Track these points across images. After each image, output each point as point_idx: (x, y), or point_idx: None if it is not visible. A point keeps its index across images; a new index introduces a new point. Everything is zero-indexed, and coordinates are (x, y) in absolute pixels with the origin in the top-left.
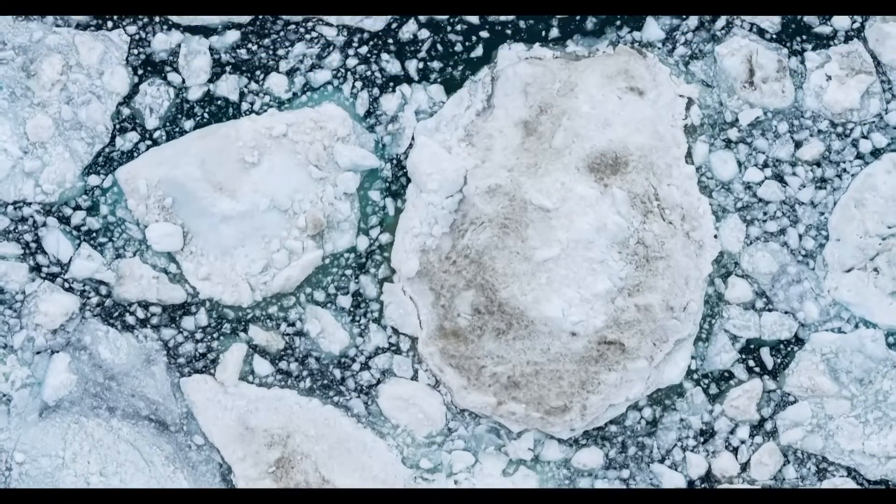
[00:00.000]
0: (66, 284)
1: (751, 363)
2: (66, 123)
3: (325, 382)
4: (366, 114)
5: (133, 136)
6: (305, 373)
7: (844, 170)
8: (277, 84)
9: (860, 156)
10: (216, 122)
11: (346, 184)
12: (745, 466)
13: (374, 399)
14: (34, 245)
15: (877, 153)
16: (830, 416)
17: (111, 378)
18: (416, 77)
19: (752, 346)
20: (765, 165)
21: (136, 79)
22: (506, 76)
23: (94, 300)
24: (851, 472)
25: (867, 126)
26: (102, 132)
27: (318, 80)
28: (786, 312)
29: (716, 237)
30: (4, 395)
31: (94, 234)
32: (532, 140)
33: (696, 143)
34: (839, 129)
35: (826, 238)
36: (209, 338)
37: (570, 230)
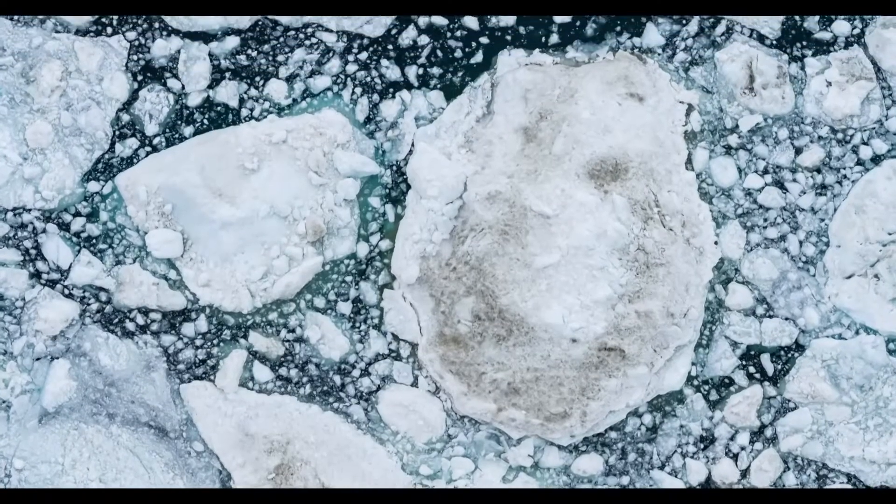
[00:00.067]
0: (66, 291)
1: (751, 369)
2: (66, 130)
3: (325, 389)
4: (366, 120)
5: (133, 143)
6: (305, 379)
7: (845, 176)
8: (277, 90)
9: (860, 162)
10: (216, 129)
11: (346, 190)
12: (746, 473)
13: (374, 405)
14: (34, 251)
15: (877, 159)
16: (831, 423)
17: (111, 384)
18: (416, 83)
19: (753, 353)
20: (765, 172)
21: (136, 85)
22: (506, 82)
23: (94, 306)
24: (852, 479)
25: (867, 132)
26: (102, 138)
27: (318, 87)
28: (786, 319)
29: (716, 243)
30: (4, 402)
31: (94, 241)
32: (532, 146)
33: (697, 150)
34: (839, 136)
35: (826, 244)
36: (209, 344)
37: (571, 237)
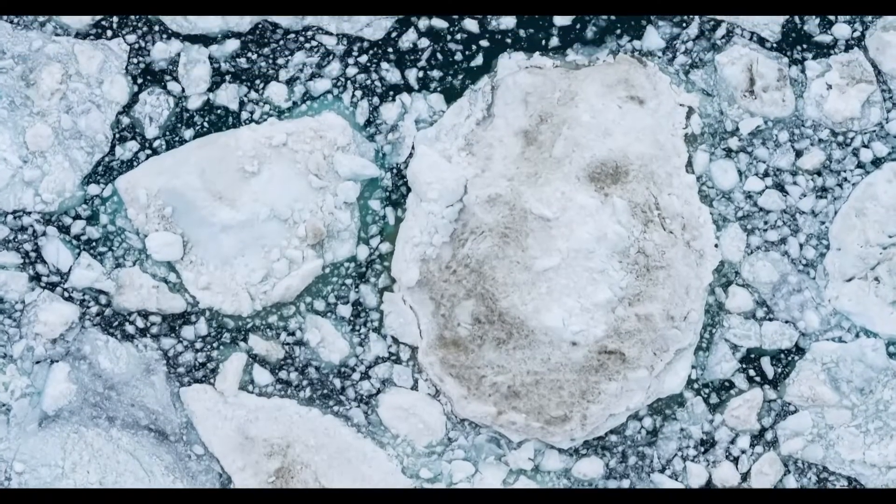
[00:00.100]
0: (66, 294)
1: (751, 372)
2: (66, 133)
3: (325, 392)
4: (366, 123)
5: (133, 146)
6: (305, 382)
7: (845, 179)
8: (277, 93)
9: (861, 165)
10: (216, 132)
11: (346, 193)
12: (746, 476)
13: (374, 409)
14: (34, 254)
15: (877, 162)
16: (831, 426)
17: (111, 388)
18: (416, 86)
19: (753, 356)
20: (765, 174)
21: (136, 88)
22: (506, 85)
23: (94, 309)
24: (852, 482)
25: (868, 135)
26: (102, 141)
27: (318, 89)
28: (786, 322)
29: (716, 246)
30: (4, 405)
31: (94, 244)
32: (532, 149)
33: (697, 153)
34: (840, 139)
35: (827, 247)
36: (209, 347)
37: (571, 239)
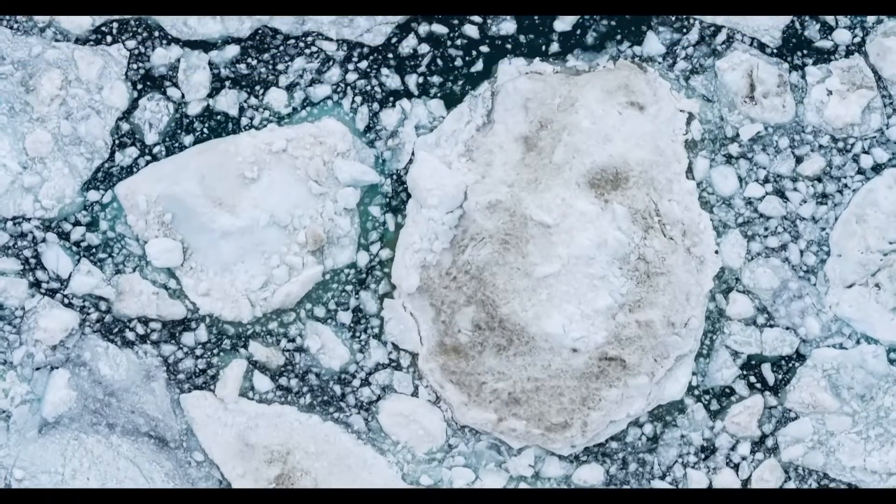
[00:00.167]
0: (66, 300)
1: (752, 379)
2: (66, 139)
3: (326, 398)
4: (366, 129)
5: (132, 152)
6: (305, 389)
7: (845, 185)
8: (277, 99)
9: (861, 171)
10: (216, 138)
11: (346, 199)
12: (747, 483)
13: (375, 415)
14: (34, 261)
15: (878, 168)
16: (832, 433)
17: (111, 394)
18: (416, 92)
19: (754, 362)
20: (766, 181)
21: (136, 94)
22: (506, 91)
23: (94, 316)
24: (853, 489)
25: (868, 141)
26: (102, 147)
27: (318, 95)
28: (787, 328)
29: (717, 253)
30: (4, 412)
31: (94, 250)
32: (532, 155)
33: (697, 159)
34: (840, 145)
35: (827, 254)
36: (209, 354)
37: (571, 246)
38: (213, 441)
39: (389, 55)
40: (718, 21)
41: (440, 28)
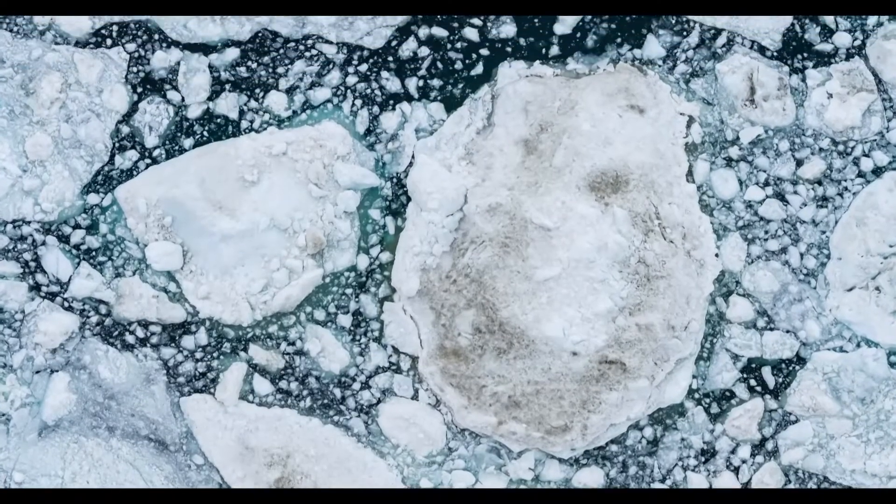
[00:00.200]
0: (66, 303)
1: (752, 382)
2: (66, 142)
3: (326, 402)
4: (366, 132)
5: (132, 155)
6: (305, 392)
7: (846, 188)
8: (277, 102)
9: (861, 174)
10: (216, 141)
11: (347, 202)
12: (747, 486)
13: (375, 418)
14: (33, 264)
15: (878, 171)
16: (832, 436)
17: (111, 397)
18: (417, 95)
19: (754, 366)
20: (766, 184)
21: (136, 97)
22: (506, 94)
23: (94, 319)
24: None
25: (868, 144)
26: (102, 150)
27: (318, 98)
28: (787, 331)
29: (717, 256)
30: (4, 415)
31: (94, 253)
32: (532, 159)
33: (697, 162)
34: (840, 148)
35: (827, 257)
36: (209, 357)
37: (571, 249)
38: (213, 444)
39: (389, 58)
40: (719, 24)
41: (440, 31)
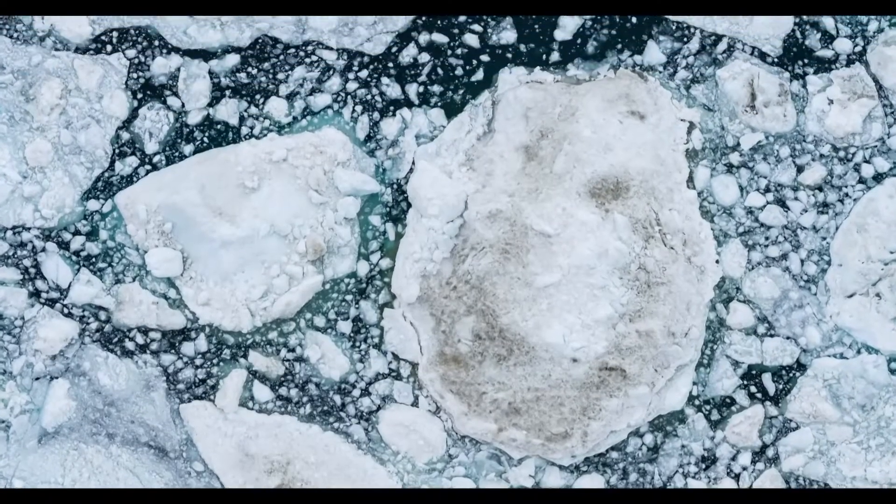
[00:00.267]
0: (66, 310)
1: (752, 389)
2: (66, 148)
3: (326, 408)
4: (366, 138)
5: (132, 161)
6: (305, 399)
7: (846, 194)
8: (277, 108)
9: (862, 180)
10: (216, 147)
11: (347, 209)
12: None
13: (375, 425)
14: (33, 270)
15: (879, 178)
16: (832, 443)
17: (110, 404)
18: (417, 101)
19: (754, 372)
20: (766, 190)
21: (136, 103)
22: (506, 100)
23: (94, 326)
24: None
25: (869, 150)
26: (102, 157)
27: (318, 104)
28: (787, 338)
29: (717, 262)
30: (3, 422)
31: (94, 260)
32: (533, 165)
33: (698, 168)
34: (841, 154)
35: (828, 263)
36: (209, 364)
37: (572, 256)
38: (213, 451)
39: (390, 64)
40: (719, 30)
41: (440, 37)
